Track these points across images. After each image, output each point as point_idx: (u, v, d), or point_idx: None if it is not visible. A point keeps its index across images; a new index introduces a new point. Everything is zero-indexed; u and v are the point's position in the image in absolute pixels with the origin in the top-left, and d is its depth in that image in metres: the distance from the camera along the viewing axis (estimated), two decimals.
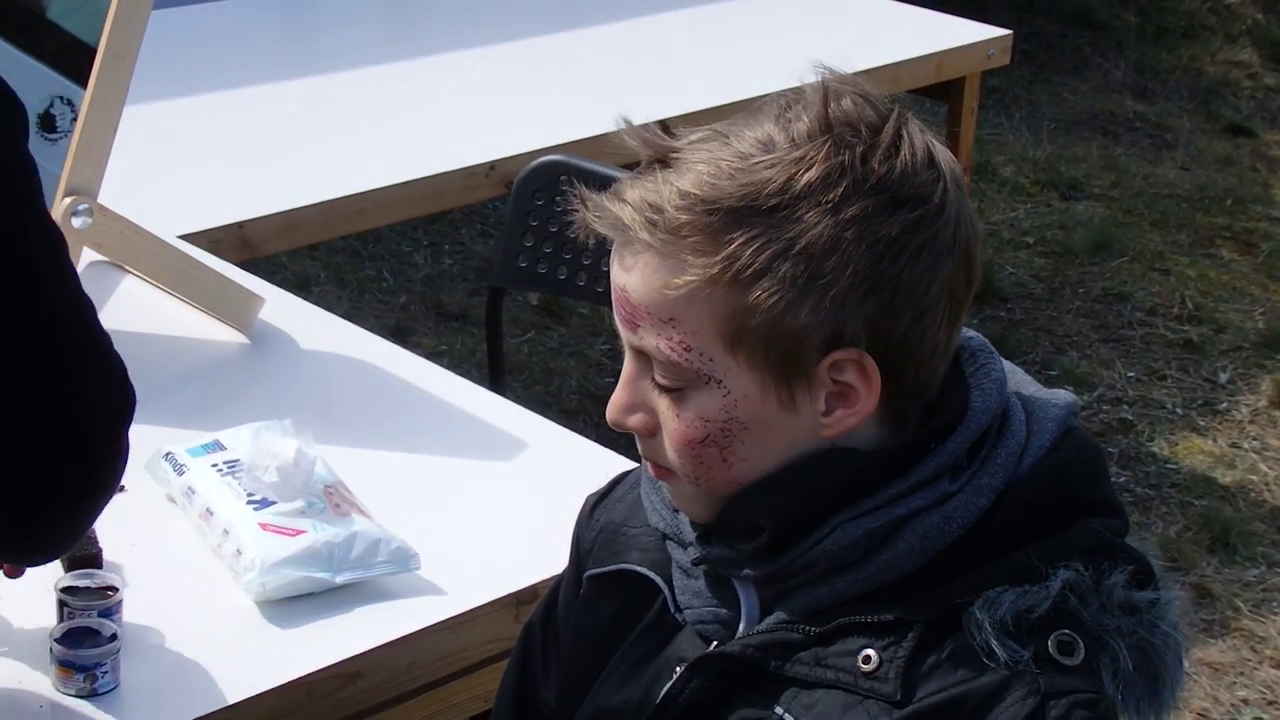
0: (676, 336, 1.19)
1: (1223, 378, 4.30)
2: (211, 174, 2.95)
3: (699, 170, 1.17)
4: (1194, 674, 3.16)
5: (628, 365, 1.25)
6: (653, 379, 1.22)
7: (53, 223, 1.36)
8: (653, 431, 1.24)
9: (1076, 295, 4.71)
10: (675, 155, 1.19)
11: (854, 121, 1.18)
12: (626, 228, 1.19)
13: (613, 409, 1.25)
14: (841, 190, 1.15)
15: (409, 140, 3.14)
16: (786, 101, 1.20)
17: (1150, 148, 5.81)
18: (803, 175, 1.15)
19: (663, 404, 1.22)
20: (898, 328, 1.18)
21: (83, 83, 2.13)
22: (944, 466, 1.20)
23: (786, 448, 1.21)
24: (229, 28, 3.79)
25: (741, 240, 1.15)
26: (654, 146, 1.21)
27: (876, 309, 1.17)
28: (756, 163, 1.16)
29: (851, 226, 1.15)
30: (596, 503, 1.46)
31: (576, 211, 1.22)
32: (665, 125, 1.23)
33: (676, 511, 1.31)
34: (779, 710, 1.21)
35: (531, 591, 1.75)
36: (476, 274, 4.68)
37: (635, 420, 1.25)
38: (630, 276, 1.20)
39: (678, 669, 1.28)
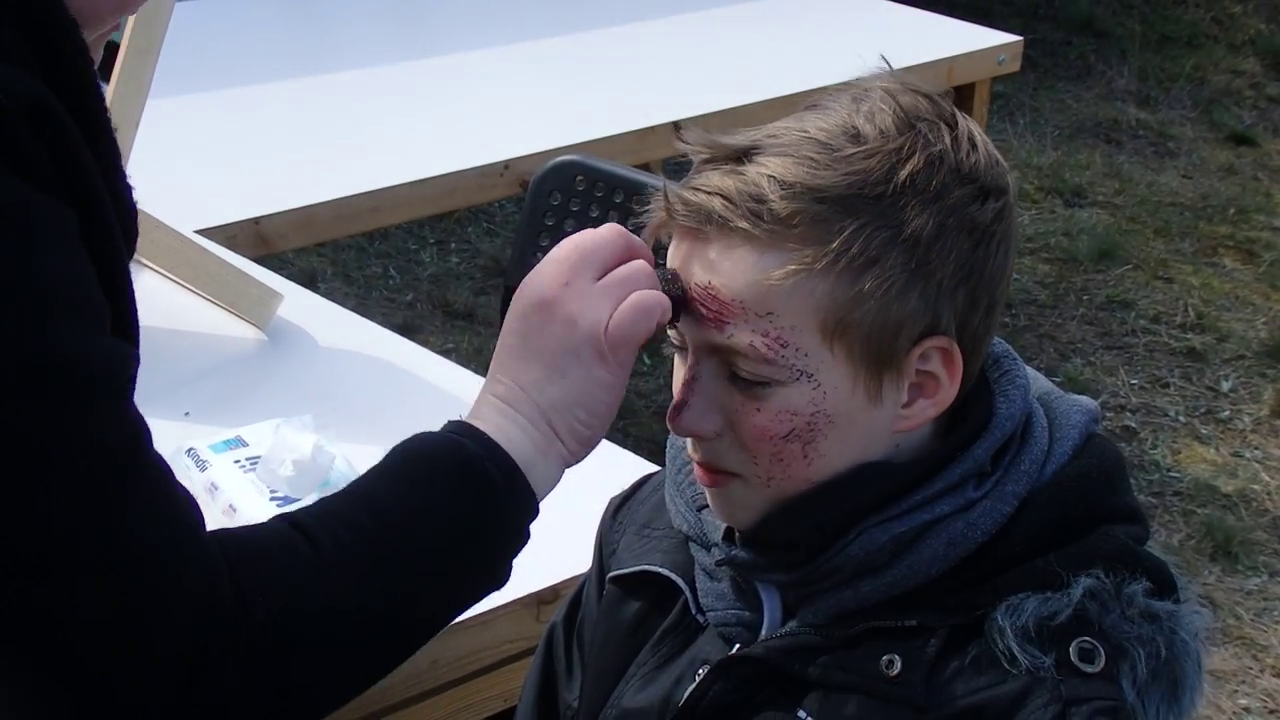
0: (773, 331, 1.16)
1: (1225, 386, 4.31)
2: (228, 170, 2.96)
3: (792, 160, 1.15)
4: None
5: (697, 367, 1.21)
6: (729, 377, 1.20)
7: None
8: (721, 434, 1.22)
9: (1080, 302, 4.72)
10: (754, 148, 1.17)
11: (931, 116, 1.19)
12: (724, 219, 1.15)
13: (691, 416, 1.21)
14: (942, 179, 1.16)
15: (424, 139, 3.16)
16: (853, 96, 1.20)
17: (1153, 156, 5.83)
18: (905, 165, 1.15)
19: (738, 401, 1.19)
20: (974, 320, 1.19)
21: (100, 75, 2.14)
22: (969, 473, 1.21)
23: (864, 442, 1.20)
24: (247, 24, 3.80)
25: (853, 228, 1.14)
26: (723, 146, 1.18)
27: (964, 299, 1.18)
28: (854, 153, 1.15)
29: (953, 214, 1.16)
30: (620, 505, 1.46)
31: (645, 212, 1.21)
32: (679, 127, 1.24)
33: (699, 511, 1.30)
34: (802, 714, 1.21)
35: (552, 591, 1.76)
36: (483, 272, 4.69)
37: (713, 424, 1.21)
38: (718, 272, 1.17)
39: (700, 671, 1.28)
